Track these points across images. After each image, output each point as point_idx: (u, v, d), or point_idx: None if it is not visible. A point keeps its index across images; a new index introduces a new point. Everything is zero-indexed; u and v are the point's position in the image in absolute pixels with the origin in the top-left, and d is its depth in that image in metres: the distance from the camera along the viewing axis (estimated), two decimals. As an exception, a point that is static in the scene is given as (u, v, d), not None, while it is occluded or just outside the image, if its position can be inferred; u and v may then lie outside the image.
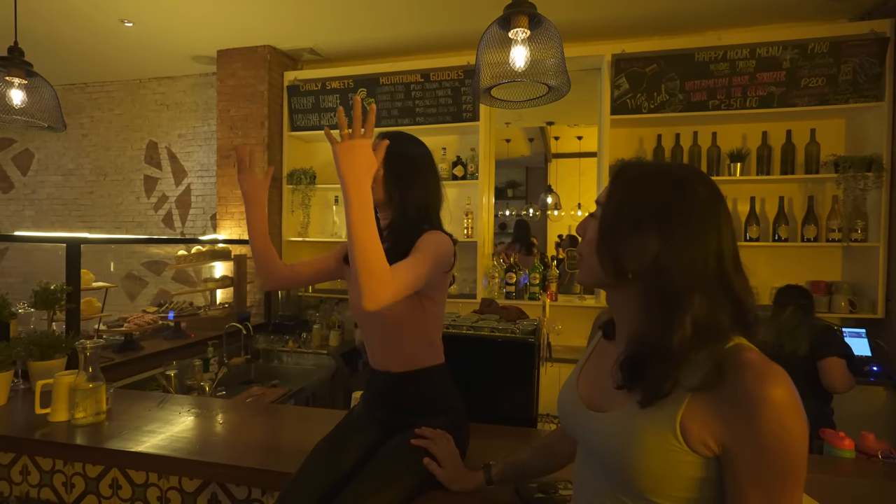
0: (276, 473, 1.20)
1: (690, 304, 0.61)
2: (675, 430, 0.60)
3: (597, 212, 0.71)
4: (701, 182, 0.67)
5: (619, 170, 0.72)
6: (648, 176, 0.69)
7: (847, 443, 1.30)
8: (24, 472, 1.49)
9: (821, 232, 2.73)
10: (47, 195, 4.37)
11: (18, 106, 1.65)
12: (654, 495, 0.62)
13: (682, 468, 0.60)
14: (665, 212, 0.64)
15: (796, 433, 0.55)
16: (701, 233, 0.63)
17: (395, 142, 1.19)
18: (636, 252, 0.65)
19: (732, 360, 0.59)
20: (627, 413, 0.65)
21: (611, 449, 0.66)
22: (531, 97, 1.34)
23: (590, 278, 0.72)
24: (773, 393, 0.56)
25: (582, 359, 0.83)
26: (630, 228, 0.65)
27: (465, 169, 3.22)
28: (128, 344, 2.42)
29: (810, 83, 2.62)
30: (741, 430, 0.57)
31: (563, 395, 0.81)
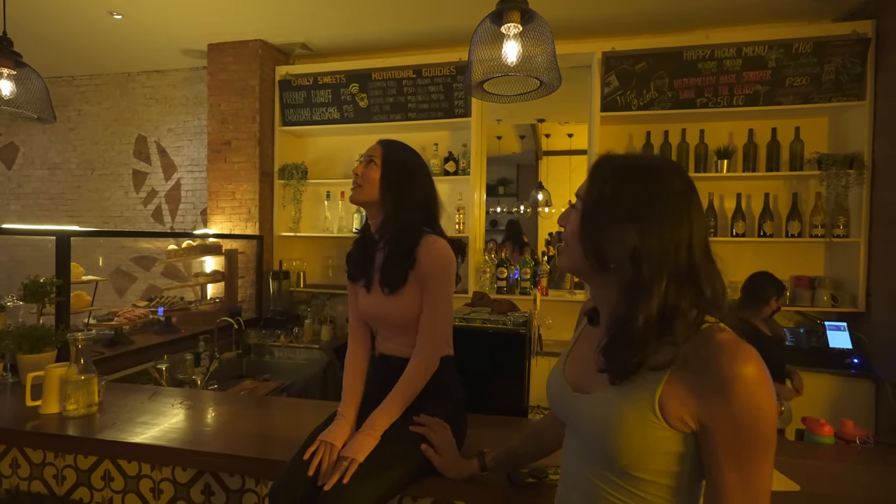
0: (270, 462, 1.21)
1: (658, 290, 0.64)
2: (654, 408, 0.63)
3: (577, 204, 0.74)
4: (674, 174, 0.70)
5: (598, 163, 0.74)
6: (625, 169, 0.71)
7: (827, 429, 1.34)
8: (13, 465, 1.48)
9: (804, 228, 2.80)
10: (33, 189, 4.30)
11: (7, 97, 1.63)
12: (635, 470, 0.66)
13: (662, 443, 0.64)
14: (641, 205, 0.67)
15: (766, 408, 0.59)
16: (674, 223, 0.66)
17: (392, 150, 1.24)
18: (616, 244, 0.67)
19: (706, 340, 0.63)
20: (609, 393, 0.68)
21: (594, 427, 0.69)
22: (523, 91, 1.36)
23: (572, 266, 0.75)
24: (745, 371, 0.59)
25: (569, 345, 0.86)
26: (609, 221, 0.68)
27: (456, 165, 3.24)
28: (118, 338, 2.40)
29: (795, 82, 2.67)
30: (716, 406, 0.60)
31: (552, 378, 0.84)
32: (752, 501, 0.60)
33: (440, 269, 1.17)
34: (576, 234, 0.72)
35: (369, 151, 1.23)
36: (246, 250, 3.37)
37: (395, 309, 1.19)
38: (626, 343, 0.65)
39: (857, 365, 2.53)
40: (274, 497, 1.06)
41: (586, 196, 0.72)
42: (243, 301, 3.30)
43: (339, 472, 1.02)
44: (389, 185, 1.20)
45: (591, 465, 0.71)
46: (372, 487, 1.02)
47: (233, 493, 1.33)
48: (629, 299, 0.66)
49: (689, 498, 0.68)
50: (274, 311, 3.25)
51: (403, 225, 1.19)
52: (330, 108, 3.37)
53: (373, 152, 1.23)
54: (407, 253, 1.17)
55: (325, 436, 1.11)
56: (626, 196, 0.68)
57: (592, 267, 0.70)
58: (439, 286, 1.17)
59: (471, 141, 3.17)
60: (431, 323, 1.18)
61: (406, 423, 1.13)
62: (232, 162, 3.40)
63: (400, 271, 1.17)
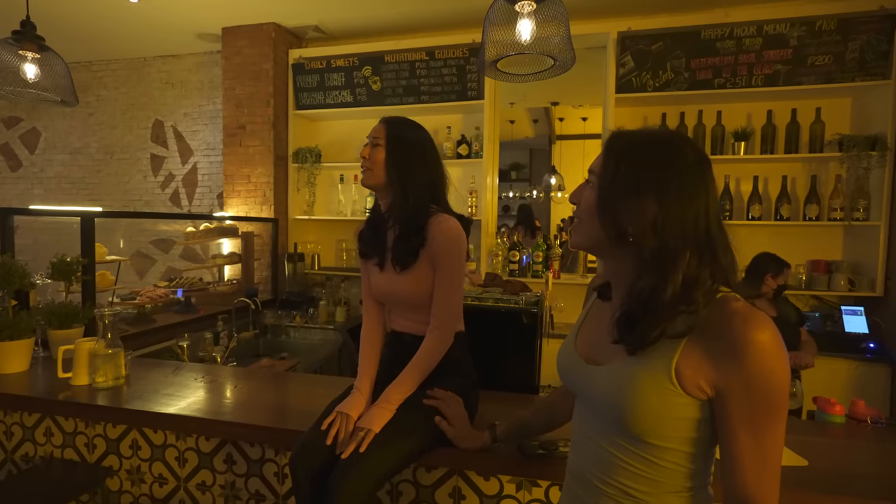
0: (288, 432, 1.26)
1: (682, 261, 0.65)
2: (670, 375, 0.65)
3: (591, 180, 0.74)
4: (689, 145, 0.71)
5: (612, 138, 0.74)
6: (641, 143, 0.72)
7: (838, 409, 1.35)
8: (47, 433, 1.56)
9: (823, 211, 2.75)
10: (55, 174, 4.40)
11: (32, 80, 1.67)
12: (650, 437, 0.67)
13: (677, 410, 0.65)
14: (660, 176, 0.67)
15: (779, 373, 0.61)
16: (692, 194, 0.67)
17: (396, 127, 1.23)
18: (635, 216, 0.68)
19: (721, 308, 0.64)
20: (624, 364, 0.70)
21: (609, 397, 0.70)
22: (537, 70, 1.36)
23: (587, 241, 0.75)
24: (759, 337, 0.61)
25: (579, 319, 0.88)
26: (627, 194, 0.68)
27: (469, 148, 3.23)
28: (141, 317, 2.48)
29: (817, 61, 2.60)
30: (731, 371, 0.62)
31: (563, 351, 0.86)
32: (764, 463, 0.62)
33: (451, 247, 1.18)
34: (592, 209, 0.72)
35: (373, 132, 1.23)
36: (262, 233, 3.43)
37: (407, 286, 1.21)
38: (650, 314, 0.66)
39: (873, 349, 2.51)
40: (294, 464, 1.10)
41: (602, 169, 0.72)
42: (259, 283, 3.37)
43: (355, 441, 1.06)
44: (395, 165, 1.20)
45: (605, 435, 0.73)
46: (387, 456, 1.06)
47: (253, 463, 1.39)
48: (654, 270, 0.66)
49: (702, 463, 0.69)
50: (289, 292, 3.31)
51: (412, 203, 1.20)
52: (343, 92, 3.38)
53: (377, 133, 1.22)
54: (417, 231, 1.18)
55: (342, 407, 1.15)
56: (644, 167, 0.68)
57: (611, 240, 0.70)
58: (451, 263, 1.19)
59: (484, 124, 3.16)
60: (444, 300, 1.20)
61: (420, 396, 1.16)
62: (247, 146, 3.44)
63: (411, 249, 1.19)
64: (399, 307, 1.29)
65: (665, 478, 0.68)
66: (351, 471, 1.02)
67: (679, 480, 0.69)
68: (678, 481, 0.69)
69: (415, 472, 1.26)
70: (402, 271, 1.21)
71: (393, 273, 1.23)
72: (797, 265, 2.81)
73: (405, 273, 1.21)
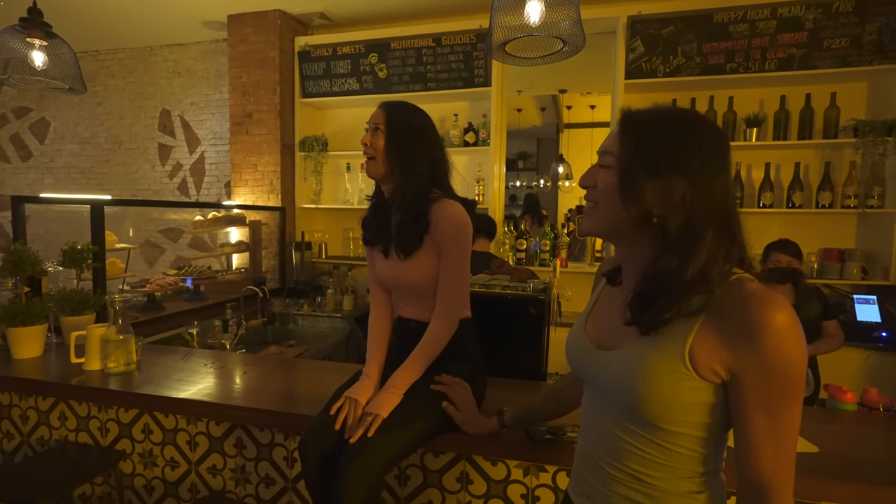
0: (297, 416, 1.27)
1: (706, 240, 0.64)
2: (683, 359, 0.64)
3: (606, 161, 0.71)
4: (708, 122, 0.69)
5: (627, 117, 0.71)
6: (659, 120, 0.70)
7: (849, 396, 1.33)
8: (62, 417, 1.59)
9: (836, 198, 2.70)
10: (65, 163, 4.44)
11: (40, 67, 1.67)
12: (662, 423, 0.66)
13: (690, 394, 0.64)
14: (686, 153, 0.66)
15: (797, 355, 0.60)
16: (717, 171, 0.66)
17: (395, 111, 1.21)
18: (660, 195, 0.66)
19: (737, 290, 0.63)
20: (636, 347, 0.68)
21: (621, 382, 0.69)
22: (546, 53, 1.34)
23: (603, 226, 0.73)
24: (776, 318, 0.59)
25: (588, 306, 0.87)
26: (651, 173, 0.66)
27: (476, 136, 3.21)
28: (151, 304, 2.51)
29: (833, 44, 2.54)
30: (747, 353, 0.61)
31: (572, 337, 0.85)
32: (780, 447, 0.61)
33: (456, 233, 1.17)
34: (612, 190, 0.69)
35: (373, 118, 1.21)
36: (269, 222, 3.44)
37: (412, 273, 1.21)
38: (666, 294, 0.64)
39: (886, 338, 2.48)
40: (303, 448, 1.12)
41: (622, 149, 0.69)
42: (267, 271, 3.39)
43: (363, 426, 1.06)
44: (395, 150, 1.18)
45: (616, 420, 0.72)
46: (395, 441, 1.07)
47: (263, 447, 1.41)
48: (678, 249, 0.65)
49: (715, 448, 0.69)
50: (297, 281, 3.32)
51: (412, 188, 1.18)
52: (349, 80, 3.36)
53: (376, 118, 1.20)
54: (419, 217, 1.18)
55: (351, 393, 1.16)
56: (668, 145, 0.66)
57: (634, 221, 0.68)
58: (456, 249, 1.18)
59: (491, 111, 3.13)
60: (450, 285, 1.19)
61: (427, 381, 1.17)
62: (253, 134, 3.44)
63: (414, 235, 1.19)
64: (405, 294, 1.28)
65: (677, 463, 0.68)
66: (359, 455, 1.03)
67: (691, 465, 0.68)
68: (690, 466, 0.68)
69: (422, 457, 1.27)
70: (407, 258, 1.21)
71: (397, 260, 1.23)
72: (809, 253, 2.77)
73: (410, 260, 1.21)
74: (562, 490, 1.18)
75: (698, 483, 0.69)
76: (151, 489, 1.53)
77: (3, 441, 1.66)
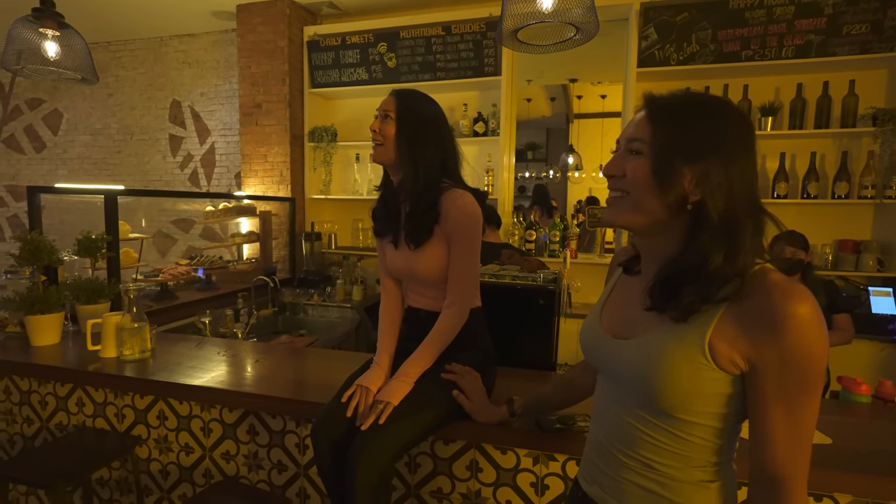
0: (309, 403, 1.29)
1: (747, 227, 0.64)
2: (703, 349, 0.63)
3: (636, 147, 0.68)
4: (732, 106, 0.68)
5: (652, 102, 0.70)
6: (688, 104, 0.68)
7: (864, 388, 1.32)
8: (79, 403, 1.62)
9: (853, 189, 2.65)
10: (77, 154, 4.49)
11: (52, 58, 1.68)
12: (679, 412, 0.66)
13: (709, 385, 0.64)
14: (721, 137, 0.65)
15: (818, 347, 0.59)
16: (750, 155, 0.66)
17: (406, 99, 1.20)
18: (698, 179, 0.64)
19: (759, 281, 0.62)
20: (655, 336, 0.68)
21: (638, 372, 0.69)
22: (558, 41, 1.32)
23: (637, 215, 0.69)
24: (799, 310, 0.59)
25: (603, 295, 0.86)
26: (687, 157, 0.64)
27: (486, 125, 3.19)
28: (163, 293, 2.54)
29: (853, 30, 2.48)
30: (768, 345, 0.60)
31: (587, 327, 0.84)
32: (797, 441, 0.61)
33: (466, 223, 1.17)
34: (645, 178, 0.67)
35: (383, 105, 1.20)
36: (279, 212, 3.46)
37: (422, 263, 1.21)
38: (704, 282, 0.63)
39: (901, 331, 2.44)
40: (315, 434, 1.13)
41: (655, 134, 0.67)
42: (278, 261, 3.41)
43: (374, 413, 1.07)
44: (405, 139, 1.17)
45: (630, 410, 0.72)
46: (405, 428, 1.08)
47: (275, 434, 1.43)
48: (722, 238, 0.63)
49: (729, 439, 0.68)
50: (307, 271, 3.35)
51: (422, 178, 1.18)
52: (358, 69, 3.34)
53: (387, 106, 1.20)
54: (429, 207, 1.17)
55: (362, 381, 1.17)
56: (700, 131, 0.65)
57: (670, 208, 0.66)
58: (466, 239, 1.18)
59: (500, 100, 3.10)
60: (460, 275, 1.19)
61: (438, 370, 1.17)
62: (263, 125, 3.44)
63: (424, 226, 1.18)
64: (415, 283, 1.29)
65: (691, 452, 0.68)
66: (371, 442, 1.04)
67: (705, 455, 0.68)
68: (704, 456, 0.68)
69: (432, 445, 1.28)
70: (417, 248, 1.21)
71: (407, 250, 1.23)
72: (823, 245, 2.73)
73: (419, 250, 1.21)
74: (571, 479, 1.19)
75: (711, 472, 0.69)
76: (167, 474, 1.57)
77: (23, 426, 1.70)
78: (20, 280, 1.74)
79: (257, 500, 1.25)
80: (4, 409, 1.72)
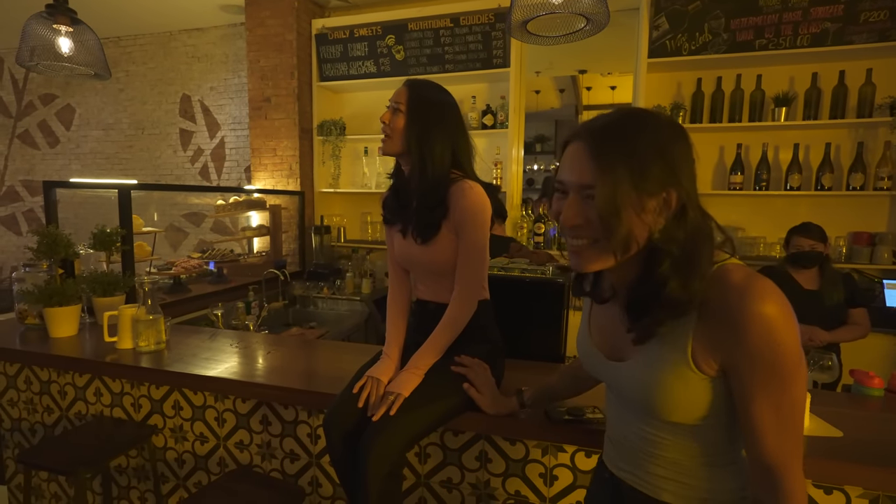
0: (320, 394, 1.31)
1: (706, 248, 0.64)
2: (688, 362, 0.65)
3: (589, 193, 0.64)
4: (661, 116, 0.67)
5: (587, 134, 0.65)
6: (622, 129, 0.64)
7: (877, 382, 1.31)
8: (97, 393, 1.66)
9: (868, 180, 2.61)
10: (90, 149, 4.54)
11: (66, 54, 1.70)
12: (686, 420, 0.68)
13: (704, 393, 0.66)
14: (672, 161, 0.63)
15: (786, 341, 0.59)
16: (692, 166, 0.65)
17: (418, 92, 1.19)
18: (658, 212, 0.63)
19: (717, 282, 0.62)
20: (644, 358, 0.69)
21: (637, 393, 0.71)
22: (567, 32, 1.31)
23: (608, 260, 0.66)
24: (759, 309, 0.58)
25: (584, 313, 0.86)
26: (646, 192, 0.61)
27: (494, 118, 3.17)
28: (176, 286, 2.58)
29: (871, 17, 2.42)
30: (734, 346, 0.61)
31: (582, 348, 0.85)
32: (784, 429, 0.62)
33: (475, 215, 1.17)
34: (609, 223, 0.62)
35: (395, 96, 1.19)
36: (289, 206, 3.48)
37: (429, 256, 1.21)
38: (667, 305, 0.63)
39: (917, 325, 2.41)
40: (328, 425, 1.15)
41: (602, 176, 0.62)
42: (287, 255, 3.45)
43: (385, 404, 1.09)
44: (415, 133, 1.16)
45: (641, 418, 0.74)
46: (416, 419, 1.09)
47: (287, 424, 1.45)
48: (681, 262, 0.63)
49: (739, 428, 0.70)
50: (317, 264, 3.37)
51: (430, 174, 1.17)
52: (366, 62, 3.34)
53: (398, 97, 1.18)
54: (437, 204, 1.17)
55: (373, 372, 1.18)
56: (648, 156, 0.62)
57: (639, 246, 0.64)
58: (474, 231, 1.17)
59: (509, 92, 3.08)
60: (469, 268, 1.19)
61: (447, 362, 1.18)
62: (272, 119, 3.46)
63: (432, 223, 1.18)
64: (422, 274, 1.29)
65: (705, 446, 0.70)
66: (382, 432, 1.05)
67: (720, 445, 0.70)
68: (719, 446, 0.70)
69: (442, 436, 1.30)
70: (423, 242, 1.21)
71: (414, 241, 1.23)
72: (837, 237, 2.70)
73: (427, 244, 1.21)
74: (581, 470, 1.20)
75: (728, 458, 0.71)
76: (182, 462, 1.60)
77: (44, 415, 1.75)
78: (38, 273, 1.77)
79: (271, 487, 1.28)
80: (26, 398, 1.76)
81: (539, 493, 1.24)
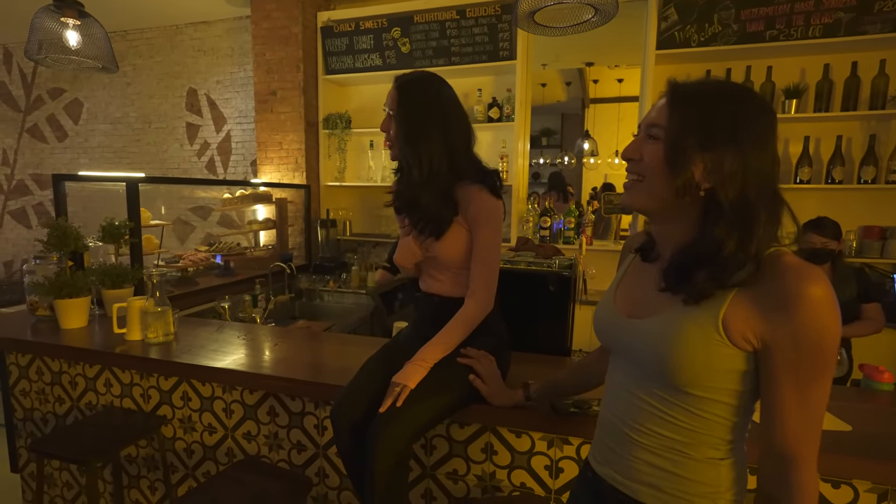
0: (326, 386, 1.32)
1: (761, 216, 0.64)
2: (717, 326, 0.65)
3: (654, 132, 0.70)
4: (755, 95, 0.68)
5: (674, 88, 0.70)
6: (708, 92, 0.69)
7: (887, 376, 1.30)
8: (107, 384, 1.68)
9: (881, 173, 2.57)
10: (98, 143, 4.57)
11: (74, 47, 1.71)
12: (694, 389, 0.67)
13: (723, 361, 0.65)
14: (736, 126, 0.65)
15: (831, 328, 0.60)
16: (767, 144, 0.66)
17: (404, 92, 1.15)
18: (710, 168, 0.65)
19: (773, 263, 0.64)
20: (670, 315, 0.69)
21: (654, 349, 0.70)
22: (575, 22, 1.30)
23: (650, 200, 0.71)
24: (812, 291, 0.60)
25: (616, 278, 0.87)
26: (701, 145, 0.66)
27: (500, 111, 3.15)
28: (184, 279, 2.60)
29: (885, 6, 2.38)
30: (781, 324, 0.61)
31: (601, 308, 0.85)
32: (808, 420, 0.62)
33: (488, 218, 1.17)
34: (659, 164, 0.68)
35: (388, 101, 1.17)
36: (295, 199, 3.49)
37: (439, 249, 1.21)
38: (717, 268, 0.65)
39: (927, 320, 2.38)
40: (335, 416, 1.16)
41: (670, 121, 0.68)
42: (294, 248, 3.46)
43: (392, 396, 1.09)
44: (405, 140, 1.14)
45: (645, 387, 0.73)
46: (422, 411, 1.10)
47: (294, 415, 1.46)
48: (734, 226, 0.64)
49: (743, 418, 0.70)
50: (322, 257, 3.38)
51: (430, 175, 1.14)
52: (372, 55, 3.32)
53: (390, 101, 1.17)
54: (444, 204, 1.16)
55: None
56: (717, 119, 0.66)
57: (681, 195, 0.67)
58: (488, 230, 1.17)
59: (515, 85, 3.06)
60: (483, 265, 1.19)
61: (454, 355, 1.18)
62: (278, 112, 3.46)
63: (433, 231, 1.19)
64: (430, 265, 1.28)
65: (705, 429, 0.69)
66: (389, 424, 1.06)
67: (719, 433, 0.69)
68: (718, 433, 0.69)
69: (448, 428, 1.30)
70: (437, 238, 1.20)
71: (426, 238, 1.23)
72: (847, 231, 2.66)
73: (439, 238, 1.20)
74: (586, 462, 1.20)
75: (723, 450, 0.70)
76: (191, 452, 1.62)
77: (55, 405, 1.77)
78: (48, 265, 1.79)
79: (278, 477, 1.29)
80: (37, 388, 1.79)
81: (545, 485, 1.24)
